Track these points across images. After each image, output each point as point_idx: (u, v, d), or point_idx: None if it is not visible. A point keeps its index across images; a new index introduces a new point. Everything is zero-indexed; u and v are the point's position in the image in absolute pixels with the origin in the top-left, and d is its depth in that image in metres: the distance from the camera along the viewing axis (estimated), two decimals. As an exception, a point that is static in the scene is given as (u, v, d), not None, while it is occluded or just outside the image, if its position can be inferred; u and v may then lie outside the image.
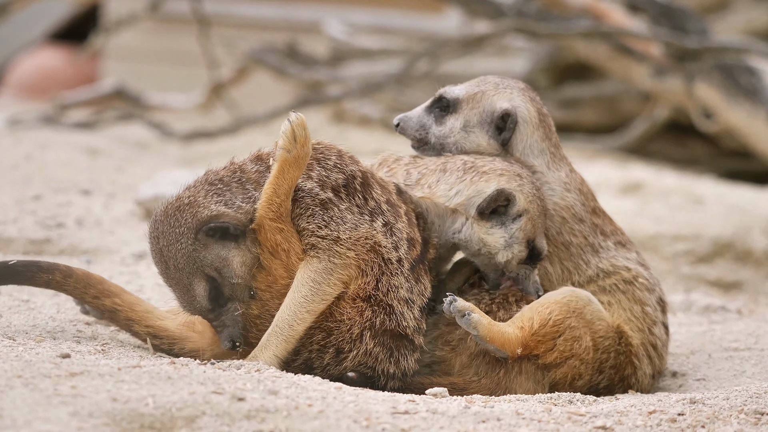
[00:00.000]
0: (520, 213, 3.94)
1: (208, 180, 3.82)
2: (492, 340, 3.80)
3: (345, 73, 10.87)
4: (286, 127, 3.74)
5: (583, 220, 4.13)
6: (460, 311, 3.78)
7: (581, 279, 4.11)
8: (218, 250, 3.72)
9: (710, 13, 10.50)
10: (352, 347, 3.72)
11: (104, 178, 7.85)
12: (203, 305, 3.74)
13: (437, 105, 4.16)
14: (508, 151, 4.13)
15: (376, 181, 3.90)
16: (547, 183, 4.12)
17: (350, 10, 14.11)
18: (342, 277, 3.73)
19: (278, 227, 3.71)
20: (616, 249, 4.17)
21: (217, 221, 3.70)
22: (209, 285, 3.72)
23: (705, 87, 7.29)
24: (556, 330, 3.89)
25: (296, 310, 3.69)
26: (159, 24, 14.00)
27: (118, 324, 3.92)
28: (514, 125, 4.11)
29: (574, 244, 4.11)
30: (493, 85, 4.17)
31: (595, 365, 3.97)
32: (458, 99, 4.14)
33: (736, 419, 3.39)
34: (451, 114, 4.14)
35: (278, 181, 3.73)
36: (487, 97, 4.14)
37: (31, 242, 5.66)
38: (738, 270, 6.84)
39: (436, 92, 4.19)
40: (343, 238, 3.73)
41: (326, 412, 3.18)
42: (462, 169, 4.00)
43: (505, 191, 3.92)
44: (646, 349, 4.11)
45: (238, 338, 3.73)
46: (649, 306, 4.14)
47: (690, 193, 8.31)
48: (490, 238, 3.94)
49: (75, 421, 2.92)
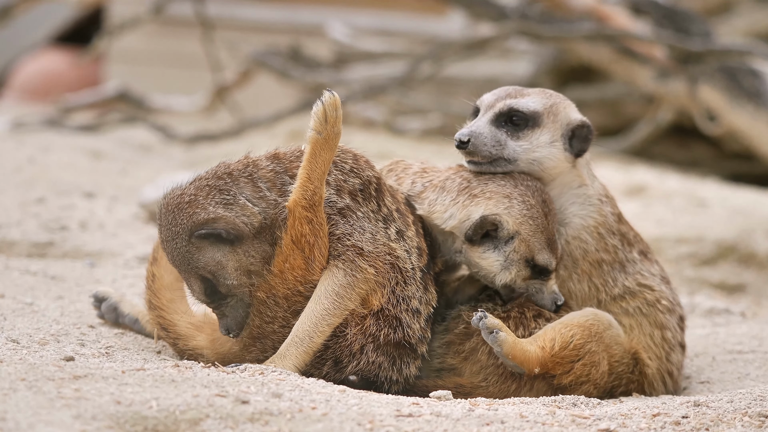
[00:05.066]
0: (511, 235, 3.87)
1: (217, 173, 3.77)
2: (513, 358, 3.79)
3: (348, 75, 10.87)
4: (318, 108, 3.68)
5: (614, 232, 4.07)
6: (488, 328, 3.76)
7: (607, 297, 4.05)
8: (212, 253, 3.70)
9: (714, 15, 10.50)
10: (351, 359, 3.71)
11: (108, 181, 7.86)
12: (201, 299, 3.76)
13: (507, 119, 3.99)
14: (575, 164, 4.05)
15: (387, 189, 3.88)
16: (588, 197, 4.06)
17: (353, 13, 14.12)
18: (362, 292, 3.71)
19: (308, 217, 3.67)
20: (641, 261, 4.11)
21: (210, 226, 3.67)
22: (204, 284, 3.72)
23: (708, 89, 7.29)
24: (576, 354, 3.86)
25: (317, 323, 3.68)
26: (162, 27, 14.01)
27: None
28: (592, 136, 4.05)
29: (606, 262, 4.05)
30: (558, 97, 4.06)
31: (607, 389, 3.95)
32: (537, 112, 3.99)
33: (740, 422, 3.39)
34: (531, 128, 3.98)
35: (311, 166, 3.68)
36: (561, 108, 4.04)
37: (34, 245, 5.66)
38: (741, 272, 6.83)
39: (499, 104, 3.99)
40: (366, 251, 3.71)
41: (330, 415, 3.18)
42: (457, 189, 3.93)
43: (488, 218, 3.84)
44: (662, 377, 4.08)
45: (233, 329, 3.73)
46: (669, 330, 4.09)
47: (693, 195, 8.30)
48: (485, 262, 3.89)
49: (78, 424, 2.92)
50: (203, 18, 10.02)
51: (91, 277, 5.06)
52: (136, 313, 4.15)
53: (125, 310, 4.17)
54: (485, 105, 4.04)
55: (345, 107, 10.78)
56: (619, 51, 7.56)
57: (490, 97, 4.05)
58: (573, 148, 4.04)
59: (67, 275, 5.01)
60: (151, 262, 4.05)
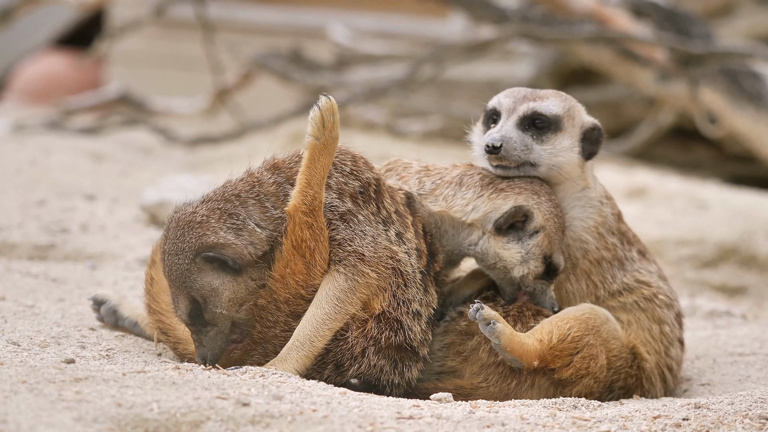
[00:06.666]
0: (537, 229, 3.92)
1: (225, 196, 3.76)
2: (511, 351, 3.79)
3: (349, 78, 10.87)
4: (315, 113, 3.70)
5: (614, 231, 4.08)
6: (485, 319, 3.76)
7: (605, 294, 4.06)
8: (211, 278, 3.69)
9: (715, 17, 10.50)
10: (352, 362, 3.72)
11: (109, 183, 7.86)
12: (183, 319, 3.75)
13: (531, 123, 3.98)
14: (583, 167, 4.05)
15: (385, 190, 3.88)
16: (590, 200, 4.07)
17: (355, 16, 14.12)
18: (363, 296, 3.71)
19: (308, 222, 3.68)
20: (640, 260, 4.12)
21: (219, 251, 3.68)
22: (191, 306, 3.70)
23: (709, 92, 7.29)
24: (574, 346, 3.87)
25: (318, 327, 3.68)
26: (163, 29, 14.02)
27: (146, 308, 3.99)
28: (602, 139, 4.05)
29: (606, 259, 4.06)
30: (571, 99, 4.06)
31: (606, 384, 3.96)
32: (559, 116, 3.99)
33: (740, 424, 3.39)
34: (553, 132, 3.98)
35: (310, 171, 3.69)
36: (576, 111, 4.05)
37: (35, 247, 5.66)
38: (742, 275, 6.83)
39: (522, 108, 3.97)
40: (367, 256, 3.71)
41: (331, 417, 3.18)
42: (480, 184, 3.96)
43: (523, 207, 3.90)
44: (661, 372, 4.08)
45: (209, 359, 3.71)
46: (668, 324, 4.10)
47: (694, 197, 8.30)
48: (507, 253, 3.92)
49: (79, 427, 2.92)
50: (204, 20, 10.02)
51: (92, 279, 5.06)
52: (135, 316, 4.15)
53: (125, 313, 4.17)
54: (506, 108, 4.00)
55: (346, 109, 10.82)
56: (619, 53, 7.56)
57: (507, 101, 4.02)
58: (584, 151, 4.05)
59: (68, 277, 5.01)
60: (149, 266, 4.05)
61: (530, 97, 4.02)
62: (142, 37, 13.76)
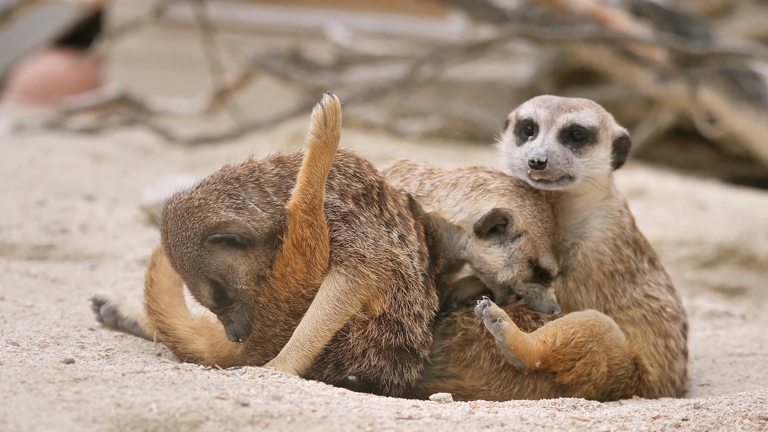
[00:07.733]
0: (519, 233, 3.87)
1: (224, 178, 3.77)
2: (515, 350, 3.79)
3: (349, 78, 10.87)
4: (318, 111, 3.69)
5: (629, 242, 4.07)
6: (492, 315, 3.75)
7: (614, 306, 4.04)
8: (224, 257, 3.70)
9: (714, 18, 10.50)
10: (352, 363, 3.72)
11: (108, 184, 7.86)
12: (208, 303, 3.75)
13: (569, 135, 3.94)
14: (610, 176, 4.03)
15: (389, 193, 3.88)
16: (611, 210, 4.05)
17: (354, 16, 14.11)
18: (363, 298, 3.71)
19: (308, 221, 3.68)
20: (650, 272, 4.11)
21: (224, 230, 3.67)
22: (213, 288, 3.71)
23: (709, 92, 7.29)
24: (577, 352, 3.87)
25: (318, 327, 3.68)
26: (163, 29, 14.01)
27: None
28: (630, 148, 4.03)
29: (619, 272, 4.04)
30: (601, 108, 4.02)
31: (606, 392, 3.96)
32: (596, 128, 3.95)
33: (740, 425, 3.39)
34: (591, 144, 3.94)
35: (311, 169, 3.69)
36: (609, 121, 4.01)
37: (35, 248, 5.66)
38: (742, 275, 6.83)
39: (561, 120, 3.92)
40: (368, 258, 3.71)
41: (330, 417, 3.18)
42: (471, 185, 3.94)
43: (501, 211, 3.85)
44: (664, 385, 4.08)
45: (241, 334, 3.73)
46: (673, 338, 4.09)
47: (694, 198, 8.30)
48: (489, 257, 3.89)
49: (79, 427, 2.92)
50: (204, 20, 10.02)
51: (92, 279, 5.06)
52: (135, 316, 4.15)
53: (124, 313, 4.17)
54: (543, 120, 3.94)
55: (345, 110, 10.81)
56: (619, 53, 7.56)
57: (543, 112, 3.95)
58: (613, 161, 4.03)
59: (68, 278, 5.01)
60: (149, 267, 4.05)
61: (565, 108, 3.96)
62: (142, 37, 13.76)
